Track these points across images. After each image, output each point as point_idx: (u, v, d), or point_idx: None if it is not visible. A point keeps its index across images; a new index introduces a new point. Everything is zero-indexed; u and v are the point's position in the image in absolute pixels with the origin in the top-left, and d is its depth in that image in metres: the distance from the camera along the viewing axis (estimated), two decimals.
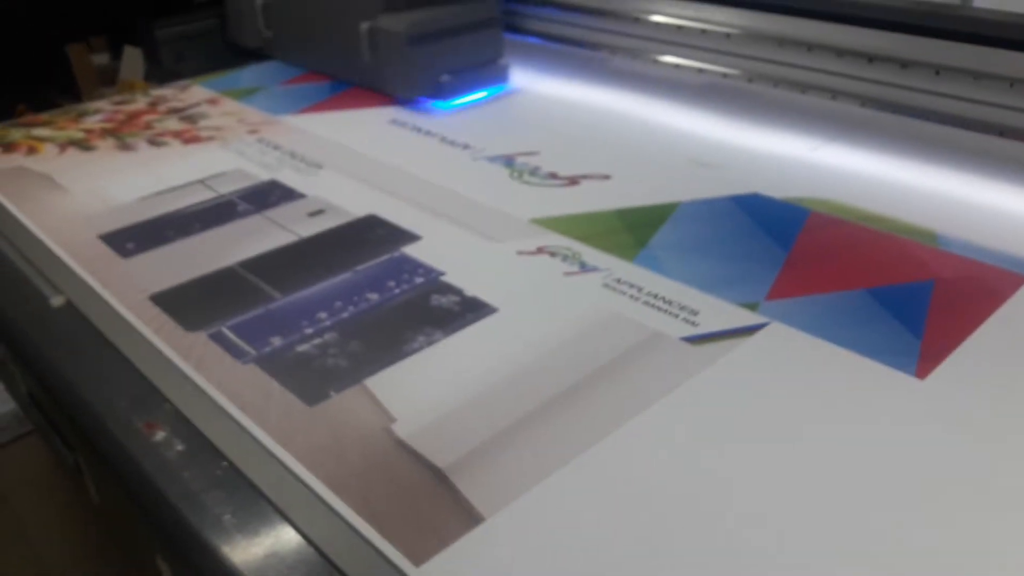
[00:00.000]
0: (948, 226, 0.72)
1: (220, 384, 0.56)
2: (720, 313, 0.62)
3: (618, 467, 0.48)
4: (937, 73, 0.87)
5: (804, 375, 0.55)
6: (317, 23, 1.16)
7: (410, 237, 0.74)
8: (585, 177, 0.85)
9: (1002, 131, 0.84)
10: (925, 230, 0.72)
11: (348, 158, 0.92)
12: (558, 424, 0.51)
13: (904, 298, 0.63)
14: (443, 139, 0.96)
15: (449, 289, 0.66)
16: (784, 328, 0.60)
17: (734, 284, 0.65)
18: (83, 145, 0.99)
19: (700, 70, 1.05)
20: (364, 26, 1.05)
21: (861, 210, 0.76)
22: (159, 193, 0.86)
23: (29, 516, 1.26)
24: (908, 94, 0.90)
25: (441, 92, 1.04)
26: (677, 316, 0.61)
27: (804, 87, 0.98)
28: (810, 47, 0.95)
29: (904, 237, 0.71)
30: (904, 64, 0.89)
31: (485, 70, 1.09)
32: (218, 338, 0.61)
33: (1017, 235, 0.71)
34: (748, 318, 0.61)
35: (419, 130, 0.99)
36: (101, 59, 2.25)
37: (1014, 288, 0.63)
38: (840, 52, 0.93)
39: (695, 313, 0.62)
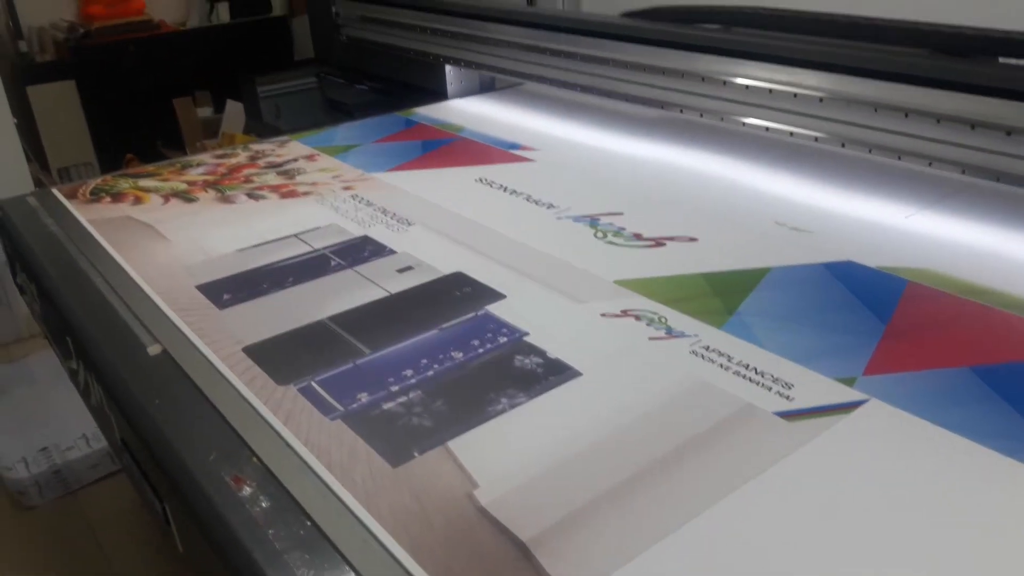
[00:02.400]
0: None
1: (308, 440, 0.56)
2: (816, 387, 0.59)
3: (709, 549, 0.46)
4: None
5: (907, 458, 0.52)
6: None
7: (495, 295, 0.75)
8: (671, 239, 0.84)
9: None
10: None
11: (437, 215, 0.94)
12: (646, 500, 0.50)
13: (1013, 378, 0.59)
14: (528, 198, 0.97)
15: (532, 350, 0.66)
16: (884, 406, 0.57)
17: (830, 356, 0.63)
18: (186, 196, 1.04)
19: (791, 134, 1.04)
20: None
21: (961, 281, 0.73)
22: (256, 246, 0.88)
23: (116, 552, 1.29)
24: (1011, 161, 0.87)
25: None
26: (770, 389, 0.59)
27: (899, 153, 0.95)
28: (907, 113, 0.93)
29: (1010, 312, 0.68)
30: (1009, 131, 0.86)
31: None
32: (307, 392, 0.62)
33: None
34: (846, 394, 0.59)
35: (505, 188, 1.00)
36: (205, 112, 2.39)
37: None
38: (939, 118, 0.91)
39: (789, 386, 0.60)
